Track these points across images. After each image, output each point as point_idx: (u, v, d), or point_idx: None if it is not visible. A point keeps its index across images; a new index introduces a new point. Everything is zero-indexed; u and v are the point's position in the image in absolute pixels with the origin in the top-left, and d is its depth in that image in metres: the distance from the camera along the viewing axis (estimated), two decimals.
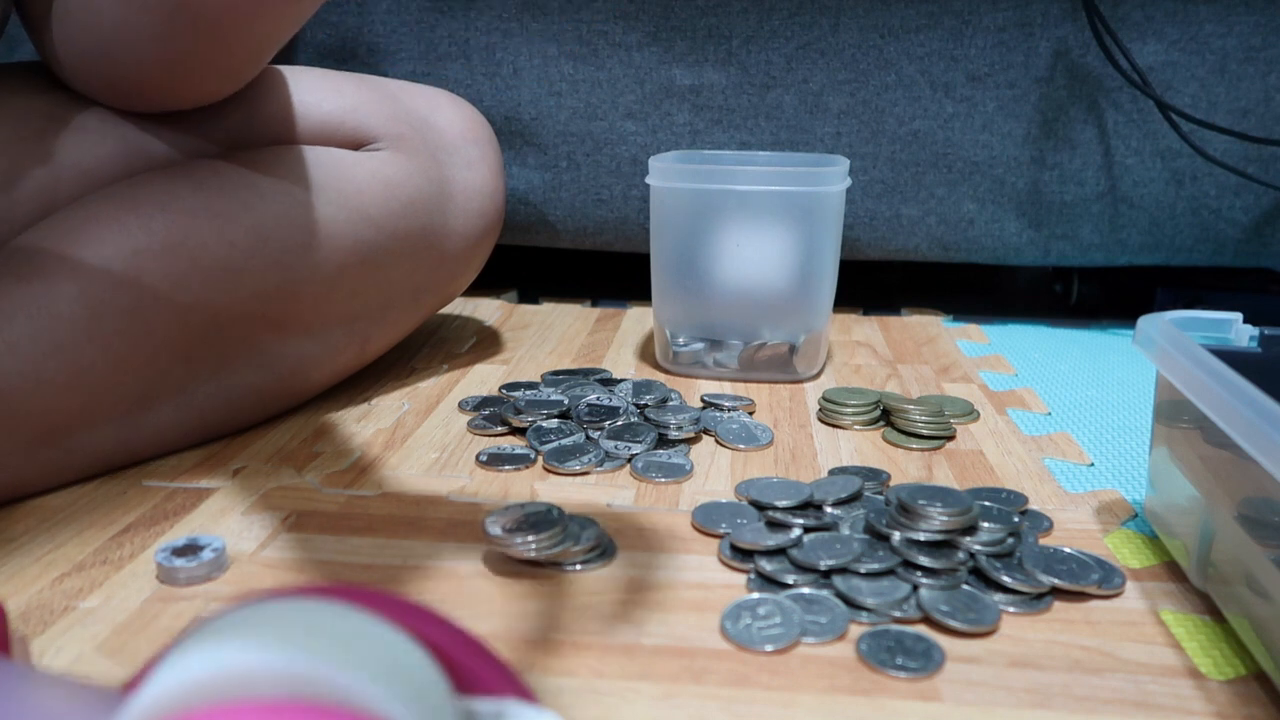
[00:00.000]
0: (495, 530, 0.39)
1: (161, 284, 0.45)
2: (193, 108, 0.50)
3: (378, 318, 0.57)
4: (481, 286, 0.90)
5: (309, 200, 0.51)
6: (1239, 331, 0.43)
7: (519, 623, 0.35)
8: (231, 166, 0.50)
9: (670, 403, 0.57)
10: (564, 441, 0.51)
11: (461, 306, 0.82)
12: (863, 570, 0.38)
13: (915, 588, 0.37)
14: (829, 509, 0.43)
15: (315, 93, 0.55)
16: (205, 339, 0.48)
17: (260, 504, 0.44)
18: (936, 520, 0.39)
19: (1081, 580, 0.38)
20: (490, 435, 0.53)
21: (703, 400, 0.58)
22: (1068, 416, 0.59)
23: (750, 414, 0.57)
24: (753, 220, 0.59)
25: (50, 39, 0.47)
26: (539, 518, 0.40)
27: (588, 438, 0.52)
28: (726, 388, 0.62)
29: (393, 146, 0.56)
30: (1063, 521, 0.44)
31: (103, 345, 0.44)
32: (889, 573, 0.38)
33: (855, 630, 0.35)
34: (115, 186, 0.47)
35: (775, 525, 0.41)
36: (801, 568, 0.38)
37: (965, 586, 0.37)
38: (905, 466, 0.50)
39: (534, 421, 0.53)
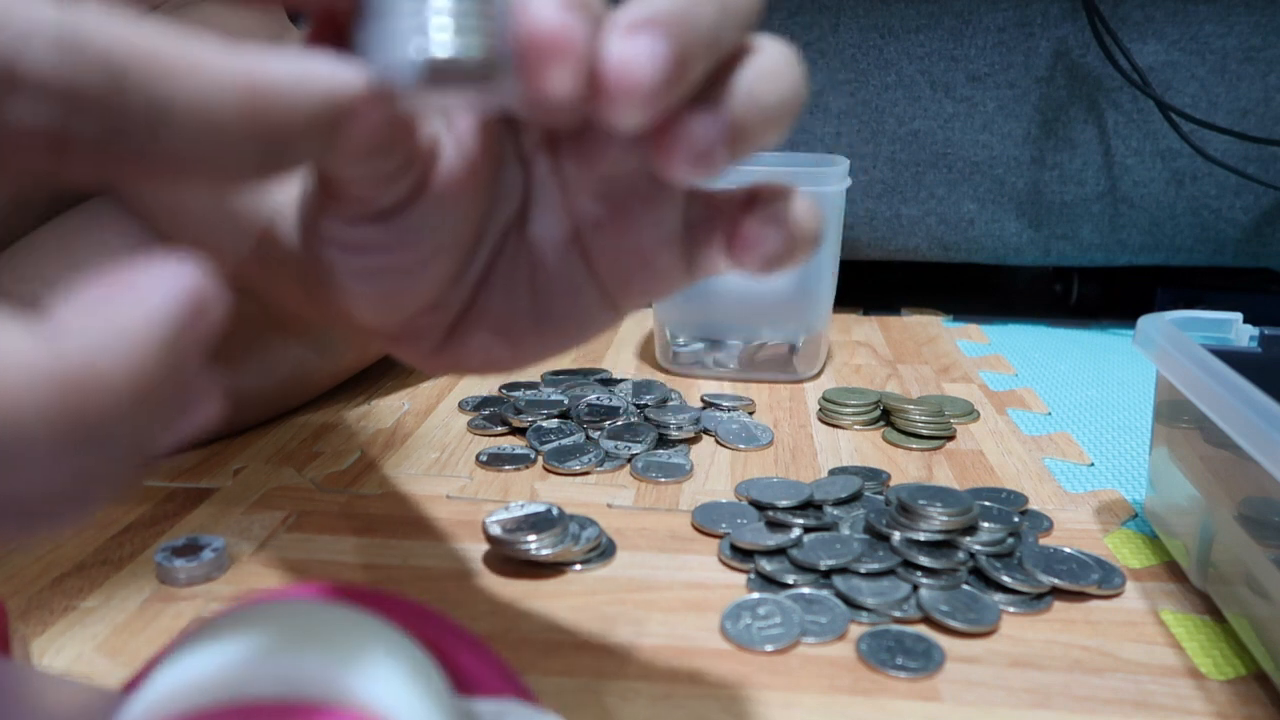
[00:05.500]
0: (495, 530, 0.39)
1: None
2: None
3: None
4: None
5: None
6: (1239, 331, 0.43)
7: (519, 623, 0.35)
8: None
9: (670, 403, 0.57)
10: (564, 441, 0.51)
11: None
12: (863, 570, 0.38)
13: (915, 588, 0.37)
14: (829, 509, 0.43)
15: None
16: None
17: (260, 504, 0.44)
18: (936, 520, 0.39)
19: (1081, 580, 0.38)
20: (490, 435, 0.53)
21: (703, 400, 0.58)
22: (1068, 416, 0.59)
23: (750, 414, 0.57)
24: None
25: None
26: (539, 518, 0.40)
27: (588, 438, 0.52)
28: (726, 388, 0.62)
29: None
30: (1063, 521, 0.44)
31: None
32: (889, 573, 0.38)
33: (855, 630, 0.35)
34: (106, 197, 0.47)
35: (775, 525, 0.41)
36: (801, 568, 0.38)
37: (965, 586, 0.37)
38: (905, 466, 0.50)
39: (534, 421, 0.53)
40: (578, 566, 0.39)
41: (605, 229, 0.26)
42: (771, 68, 0.22)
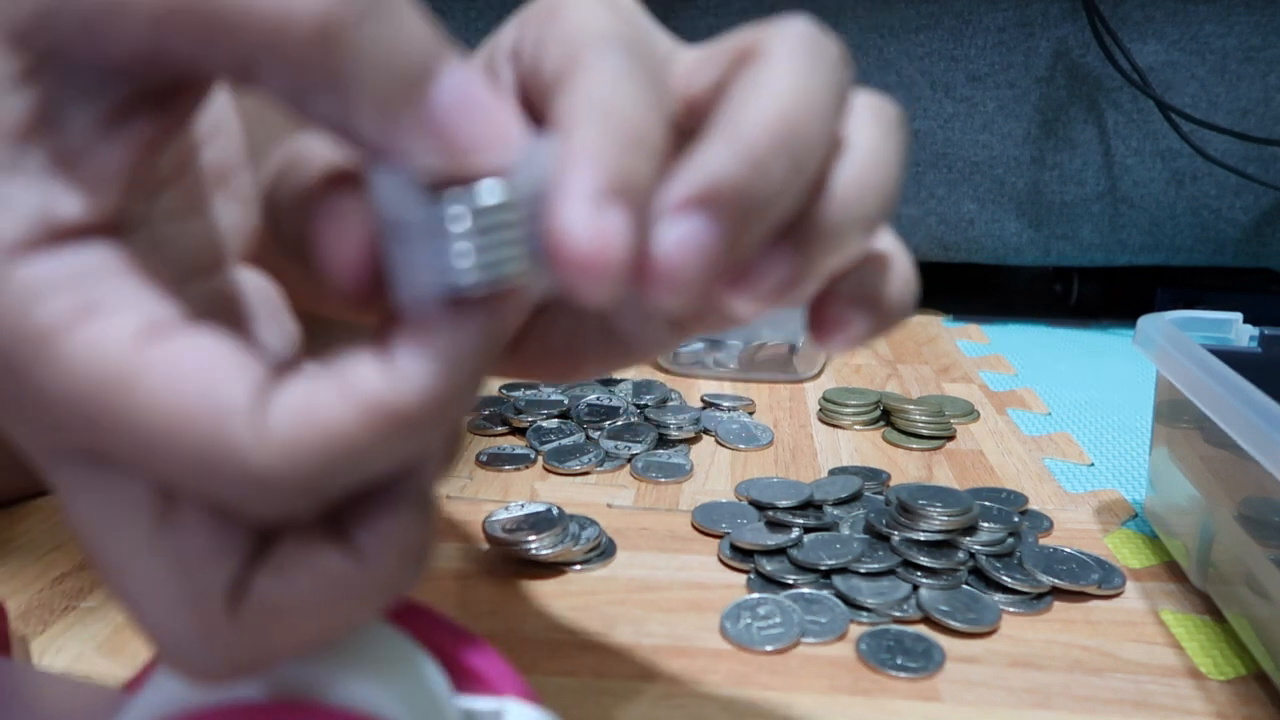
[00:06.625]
0: (495, 530, 0.39)
1: None
2: None
3: None
4: None
5: None
6: (1239, 331, 0.43)
7: (519, 623, 0.35)
8: None
9: (670, 403, 0.57)
10: (564, 441, 0.51)
11: None
12: (863, 570, 0.38)
13: (915, 588, 0.37)
14: (829, 509, 0.43)
15: None
16: None
17: None
18: (936, 520, 0.39)
19: (1081, 580, 0.38)
20: (490, 435, 0.53)
21: (703, 400, 0.58)
22: (1068, 416, 0.59)
23: (750, 414, 0.57)
24: None
25: None
26: (539, 518, 0.40)
27: (588, 437, 0.52)
28: (726, 388, 0.62)
29: None
30: (1063, 521, 0.44)
31: None
32: (889, 573, 0.38)
33: (855, 630, 0.35)
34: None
35: (775, 525, 0.41)
36: (801, 568, 0.38)
37: (965, 586, 0.37)
38: (905, 466, 0.50)
39: (534, 421, 0.53)
40: (578, 566, 0.39)
41: None
42: (864, 175, 0.19)
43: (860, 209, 0.19)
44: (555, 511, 0.41)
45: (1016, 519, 0.41)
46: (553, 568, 0.39)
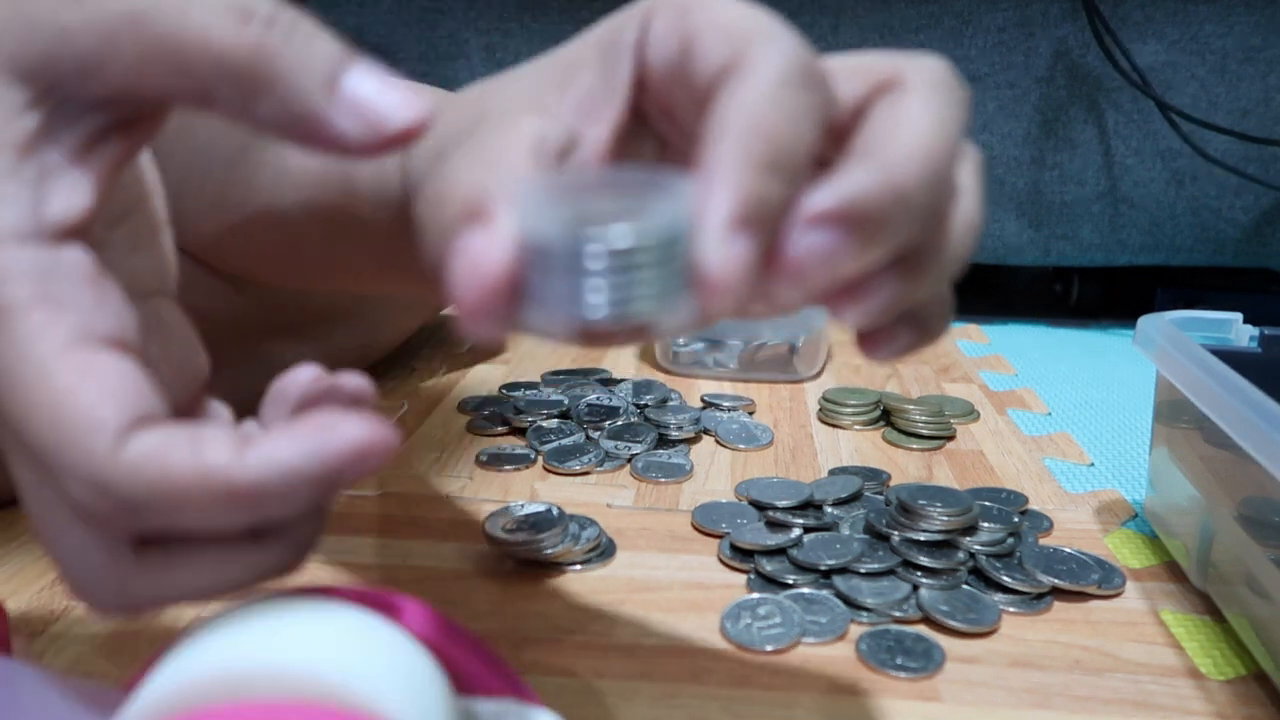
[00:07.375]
0: (495, 530, 0.39)
1: None
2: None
3: (380, 321, 0.57)
4: None
5: None
6: (1239, 331, 0.43)
7: (519, 623, 0.35)
8: None
9: (670, 403, 0.57)
10: (564, 441, 0.51)
11: None
12: (863, 570, 0.38)
13: (915, 588, 0.37)
14: (829, 509, 0.43)
15: None
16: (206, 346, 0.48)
17: None
18: (936, 520, 0.39)
19: (1081, 580, 0.38)
20: (490, 435, 0.53)
21: (703, 400, 0.58)
22: (1068, 416, 0.59)
23: (750, 414, 0.57)
24: None
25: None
26: (539, 518, 0.40)
27: (588, 438, 0.52)
28: (726, 388, 0.62)
29: None
30: (1063, 521, 0.44)
31: None
32: (889, 573, 0.38)
33: (855, 630, 0.35)
34: None
35: (775, 525, 0.41)
36: (802, 568, 0.38)
37: (965, 586, 0.37)
38: (905, 466, 0.50)
39: (534, 421, 0.53)
40: (578, 566, 0.39)
41: None
42: (972, 217, 0.21)
43: (964, 247, 0.21)
44: (555, 511, 0.41)
45: (1016, 519, 0.41)
46: (553, 568, 0.39)
